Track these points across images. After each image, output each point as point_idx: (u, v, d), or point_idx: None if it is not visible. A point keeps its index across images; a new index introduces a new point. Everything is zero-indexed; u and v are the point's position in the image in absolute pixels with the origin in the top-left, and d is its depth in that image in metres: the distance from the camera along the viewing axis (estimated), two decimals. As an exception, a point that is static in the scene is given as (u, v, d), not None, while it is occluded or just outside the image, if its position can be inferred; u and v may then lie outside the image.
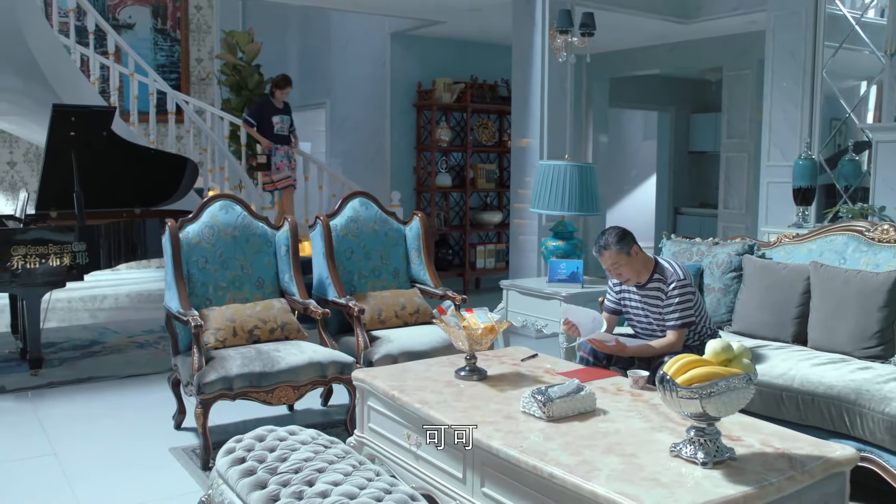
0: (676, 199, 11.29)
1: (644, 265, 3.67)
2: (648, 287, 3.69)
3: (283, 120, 7.59)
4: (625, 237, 3.61)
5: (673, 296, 3.59)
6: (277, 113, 7.56)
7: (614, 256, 3.59)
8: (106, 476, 3.58)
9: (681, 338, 3.59)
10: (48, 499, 3.35)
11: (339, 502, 2.15)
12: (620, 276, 3.68)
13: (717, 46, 8.07)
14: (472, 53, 8.71)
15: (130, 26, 9.23)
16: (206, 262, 4.20)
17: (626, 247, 3.59)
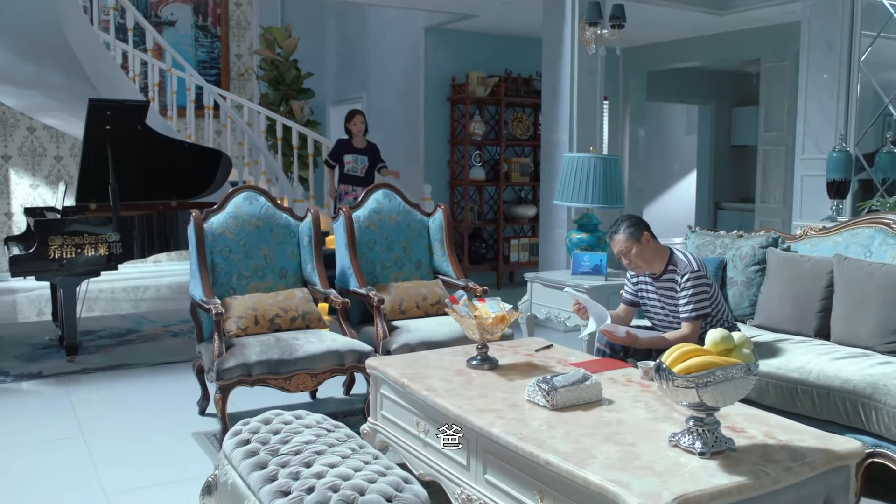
0: (717, 193, 11.13)
1: (657, 255, 3.66)
2: (663, 279, 3.68)
3: (356, 160, 7.09)
4: (637, 224, 3.61)
5: (686, 287, 3.57)
6: (352, 152, 7.11)
7: (624, 242, 3.60)
8: (129, 458, 3.69)
9: (695, 329, 3.56)
10: (72, 478, 3.47)
11: (332, 483, 2.20)
12: (630, 263, 3.67)
13: (755, 38, 7.92)
14: (507, 47, 8.70)
15: (172, 23, 9.43)
16: (229, 252, 4.29)
17: (637, 234, 3.59)
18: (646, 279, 3.77)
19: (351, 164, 7.05)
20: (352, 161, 7.05)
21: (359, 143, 7.09)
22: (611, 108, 9.60)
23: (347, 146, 7.08)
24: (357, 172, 7.07)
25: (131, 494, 3.31)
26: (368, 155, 7.10)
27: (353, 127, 7.03)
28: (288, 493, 2.19)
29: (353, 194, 7.01)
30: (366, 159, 7.07)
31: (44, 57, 6.14)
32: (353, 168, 7.06)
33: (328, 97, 10.69)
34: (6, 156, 8.76)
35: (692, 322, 3.56)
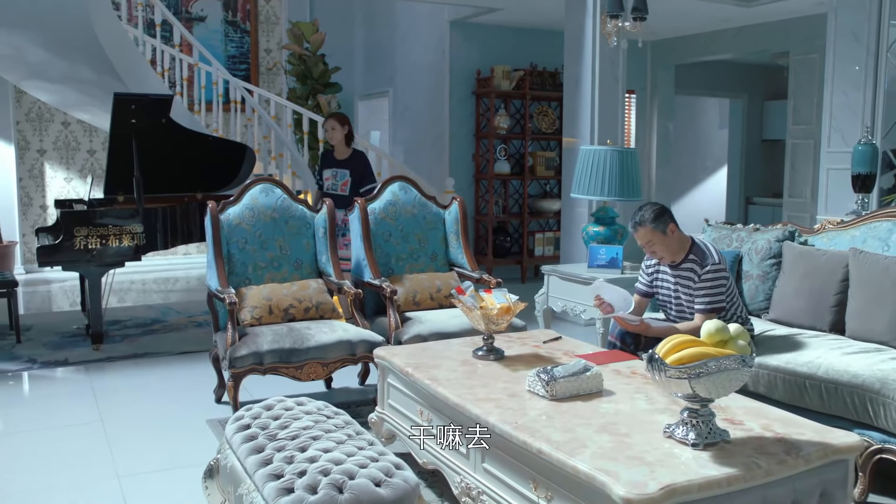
0: (748, 188, 10.98)
1: (680, 245, 3.65)
2: (682, 267, 3.67)
3: (335, 175, 5.82)
4: (662, 215, 3.59)
5: (706, 279, 3.56)
6: (331, 166, 5.88)
7: (649, 234, 3.59)
8: (144, 443, 3.78)
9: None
10: (88, 461, 3.57)
11: (324, 468, 2.24)
12: (654, 253, 3.67)
13: (783, 30, 7.80)
14: (532, 40, 8.67)
15: (202, 19, 9.57)
16: (245, 243, 4.36)
17: (662, 225, 3.57)
18: (664, 266, 3.77)
19: (330, 181, 5.83)
20: (330, 177, 5.79)
21: (340, 153, 5.86)
22: (638, 102, 9.53)
23: (328, 159, 5.92)
24: (337, 190, 5.77)
25: (142, 478, 3.39)
26: (350, 168, 5.82)
27: (326, 134, 5.87)
28: (281, 476, 2.23)
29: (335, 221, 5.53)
30: (347, 174, 5.78)
31: (74, 52, 6.28)
32: (333, 185, 5.81)
33: (356, 91, 10.75)
34: (41, 149, 8.98)
35: (705, 314, 3.54)
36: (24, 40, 6.22)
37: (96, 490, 3.27)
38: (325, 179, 5.81)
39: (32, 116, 8.90)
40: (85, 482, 3.35)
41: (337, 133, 5.76)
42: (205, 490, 2.71)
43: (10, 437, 4.01)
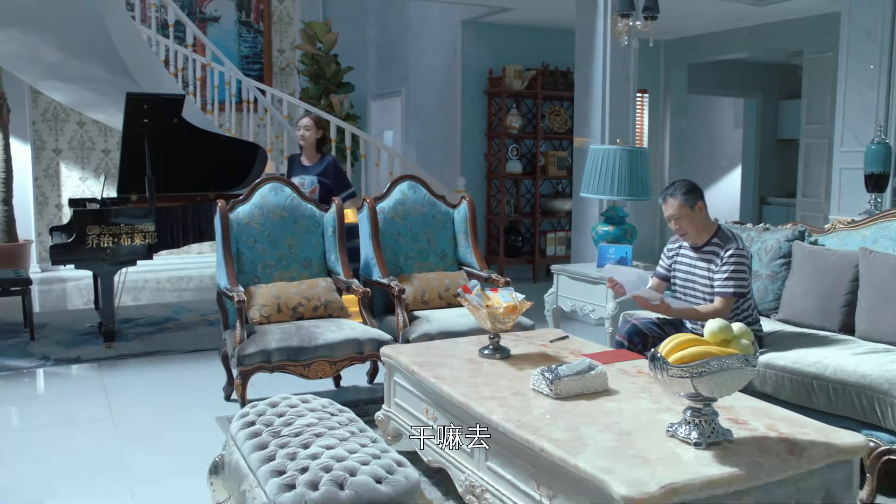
0: (762, 188, 10.92)
1: (705, 226, 3.68)
2: (704, 250, 3.70)
3: (302, 183, 5.25)
4: (693, 191, 3.63)
5: (729, 262, 3.57)
6: (299, 173, 5.38)
7: (678, 207, 3.62)
8: (153, 440, 3.81)
9: (728, 305, 3.57)
10: (98, 458, 3.60)
11: (326, 464, 2.25)
12: (679, 228, 3.69)
13: (797, 29, 7.74)
14: (544, 40, 8.66)
15: (216, 19, 9.62)
16: (254, 242, 4.38)
17: (692, 200, 3.61)
18: (685, 248, 3.79)
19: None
20: (297, 184, 5.04)
21: (308, 158, 5.33)
22: (651, 102, 9.49)
23: (295, 164, 5.41)
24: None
25: (150, 474, 3.42)
26: (320, 174, 5.31)
27: (299, 133, 5.34)
28: (283, 473, 2.25)
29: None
30: (314, 180, 5.23)
31: (87, 52, 6.34)
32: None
33: (369, 91, 10.77)
34: (57, 149, 9.07)
35: (727, 298, 3.56)
36: (38, 41, 6.28)
37: (105, 486, 3.31)
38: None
39: (48, 116, 8.99)
40: (94, 478, 3.39)
41: (311, 135, 5.26)
42: (210, 486, 2.73)
43: (21, 432, 4.05)
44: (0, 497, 3.22)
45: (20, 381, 4.85)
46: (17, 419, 4.27)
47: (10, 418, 4.29)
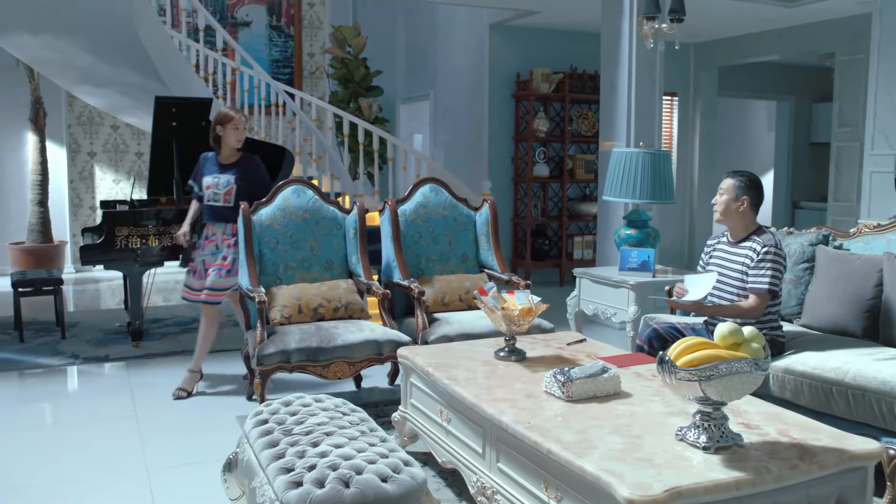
0: (795, 192, 10.76)
1: (742, 220, 3.74)
2: (741, 245, 3.74)
3: (217, 182, 4.55)
4: (751, 186, 3.71)
5: (766, 259, 3.59)
6: (213, 171, 4.61)
7: (729, 187, 3.73)
8: (174, 438, 3.88)
9: (763, 304, 3.58)
10: (119, 454, 3.68)
11: (333, 462, 2.28)
12: (716, 204, 3.78)
13: (828, 30, 7.63)
14: (572, 43, 8.63)
15: (247, 24, 9.75)
16: (277, 243, 4.44)
17: (741, 192, 3.70)
18: (723, 243, 3.85)
19: (210, 190, 4.55)
20: (211, 184, 4.55)
21: (228, 156, 4.61)
22: (680, 105, 9.42)
23: (209, 163, 4.68)
24: (219, 201, 4.53)
25: (169, 471, 3.48)
26: (237, 173, 4.58)
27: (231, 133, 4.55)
28: (291, 470, 2.28)
29: (213, 240, 4.58)
30: (231, 179, 4.53)
31: (119, 57, 6.47)
32: (214, 195, 4.54)
33: (398, 94, 10.83)
34: (91, 152, 9.25)
35: (762, 295, 3.57)
36: (71, 45, 6.43)
37: (125, 481, 3.37)
38: (206, 188, 4.56)
39: (83, 120, 9.17)
40: (114, 474, 3.45)
41: (242, 134, 4.60)
42: (224, 483, 2.77)
43: (46, 429, 4.15)
44: (24, 491, 3.30)
45: (50, 378, 4.96)
46: (43, 416, 4.37)
47: (39, 415, 4.38)
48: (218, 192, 4.55)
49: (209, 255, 4.59)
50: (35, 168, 8.41)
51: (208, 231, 4.64)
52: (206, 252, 4.61)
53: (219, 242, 4.58)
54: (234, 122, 4.52)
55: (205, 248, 4.63)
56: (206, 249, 4.62)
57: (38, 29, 6.30)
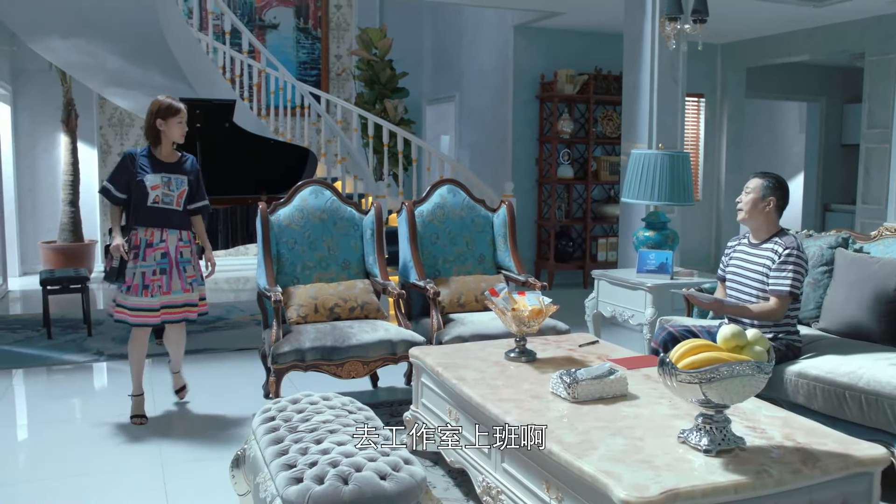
0: (826, 194, 10.61)
1: (766, 222, 3.72)
2: (763, 247, 3.72)
3: (168, 183, 4.04)
4: (776, 188, 3.70)
5: (788, 261, 3.57)
6: (159, 170, 4.05)
7: (756, 186, 3.72)
8: (191, 434, 3.95)
9: (783, 306, 3.56)
10: (135, 449, 3.75)
11: (334, 460, 2.31)
12: (740, 202, 3.77)
13: (858, 30, 7.52)
14: (596, 44, 8.60)
15: (275, 26, 9.85)
16: (294, 243, 4.48)
17: (767, 192, 3.68)
18: (743, 244, 3.84)
19: (160, 191, 4.02)
20: (160, 185, 4.01)
21: (169, 154, 4.11)
22: (707, 106, 9.33)
23: (151, 161, 4.06)
24: (172, 204, 4.05)
25: (184, 467, 3.54)
26: (186, 175, 4.13)
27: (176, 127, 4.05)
28: (293, 466, 2.31)
29: (163, 247, 4.04)
30: (183, 181, 4.09)
31: (146, 59, 6.58)
32: (166, 197, 4.04)
33: (424, 96, 10.87)
34: (122, 153, 9.39)
35: (783, 297, 3.55)
36: (101, 48, 6.56)
37: (139, 476, 3.44)
38: (152, 188, 3.99)
39: (114, 121, 9.34)
40: (129, 468, 3.52)
41: (185, 128, 4.12)
42: (232, 479, 2.82)
43: (66, 424, 4.23)
44: (49, 483, 3.38)
45: (75, 374, 5.07)
46: (64, 411, 4.46)
47: (61, 410, 4.48)
48: (170, 193, 4.02)
49: (152, 266, 3.99)
50: (66, 168, 8.58)
51: (151, 238, 4.00)
52: (147, 263, 3.98)
53: (170, 251, 4.03)
54: (180, 115, 4.03)
55: (145, 258, 3.99)
56: (147, 260, 3.99)
57: (67, 32, 6.44)
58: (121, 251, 3.98)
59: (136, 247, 4.01)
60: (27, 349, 5.60)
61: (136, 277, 4.00)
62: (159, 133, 4.05)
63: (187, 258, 4.14)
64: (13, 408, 4.55)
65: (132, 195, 4.02)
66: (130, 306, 4.01)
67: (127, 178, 4.03)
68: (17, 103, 8.87)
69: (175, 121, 4.03)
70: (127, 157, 4.08)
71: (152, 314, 4.06)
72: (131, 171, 4.02)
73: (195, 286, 4.19)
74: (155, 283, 4.02)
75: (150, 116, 4.05)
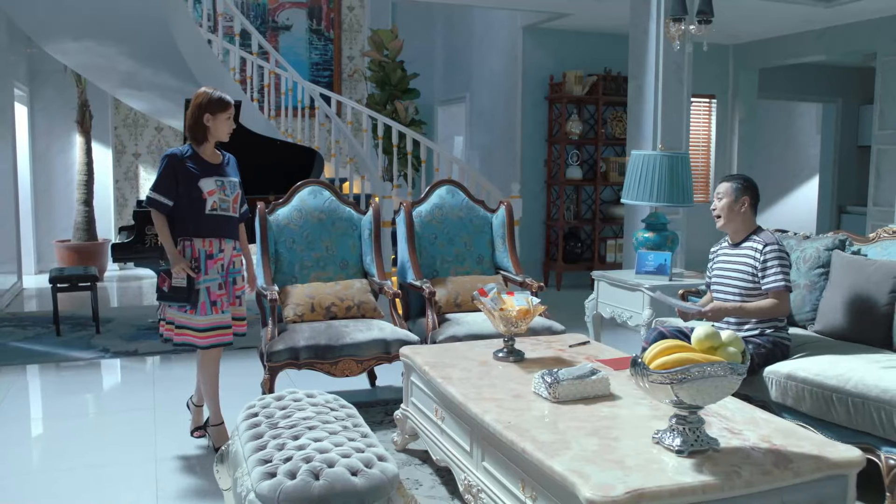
0: (841, 196, 10.51)
1: (742, 222, 3.76)
2: (743, 246, 3.76)
3: (223, 187, 3.65)
4: (747, 187, 3.75)
5: (772, 256, 3.61)
6: (211, 172, 3.63)
7: (726, 190, 3.77)
8: (187, 429, 3.98)
9: (785, 301, 3.59)
10: (131, 444, 3.81)
11: (308, 455, 2.34)
12: (715, 209, 3.81)
13: (870, 30, 7.45)
14: (605, 45, 8.58)
15: (288, 28, 9.93)
16: (292, 243, 4.53)
17: (739, 193, 3.73)
18: (724, 248, 3.87)
19: (216, 196, 3.62)
20: (216, 190, 3.61)
21: (213, 155, 3.70)
22: (719, 107, 9.28)
23: (198, 163, 3.62)
24: (228, 210, 3.68)
25: (177, 461, 3.59)
26: (236, 176, 3.79)
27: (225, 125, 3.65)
28: (269, 462, 2.34)
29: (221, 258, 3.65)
30: (236, 183, 3.75)
31: (156, 60, 6.67)
32: (224, 202, 3.66)
33: (436, 97, 10.90)
34: (136, 153, 9.54)
35: (781, 293, 3.57)
36: (112, 50, 6.65)
37: (133, 471, 3.49)
38: (209, 194, 3.58)
39: (129, 122, 9.46)
40: (124, 463, 3.58)
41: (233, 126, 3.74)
42: (216, 474, 2.86)
43: (66, 419, 4.29)
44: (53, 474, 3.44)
45: (78, 371, 5.14)
46: (64, 406, 4.52)
47: (65, 406, 4.55)
48: (226, 199, 3.64)
49: (216, 279, 3.62)
50: (81, 168, 8.70)
51: (211, 249, 3.61)
52: (210, 276, 3.59)
53: (225, 262, 3.67)
54: (230, 111, 3.63)
55: (208, 271, 3.59)
56: (209, 273, 3.59)
57: (79, 35, 6.54)
58: (188, 270, 3.52)
59: (194, 259, 3.57)
60: (35, 346, 5.69)
61: (202, 294, 3.56)
62: (206, 130, 3.59)
63: (238, 268, 3.76)
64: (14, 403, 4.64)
65: (181, 202, 3.56)
66: (196, 327, 3.58)
67: (174, 182, 3.55)
68: (34, 104, 9.02)
69: (224, 116, 3.61)
70: (171, 159, 3.58)
71: (224, 332, 3.66)
72: (180, 175, 3.55)
73: (243, 299, 3.84)
74: (222, 297, 3.63)
75: (198, 111, 3.57)
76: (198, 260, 3.58)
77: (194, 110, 3.58)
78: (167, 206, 3.57)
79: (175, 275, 3.53)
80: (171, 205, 3.57)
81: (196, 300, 3.56)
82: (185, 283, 3.52)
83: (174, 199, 3.56)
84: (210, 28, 7.80)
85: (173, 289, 3.54)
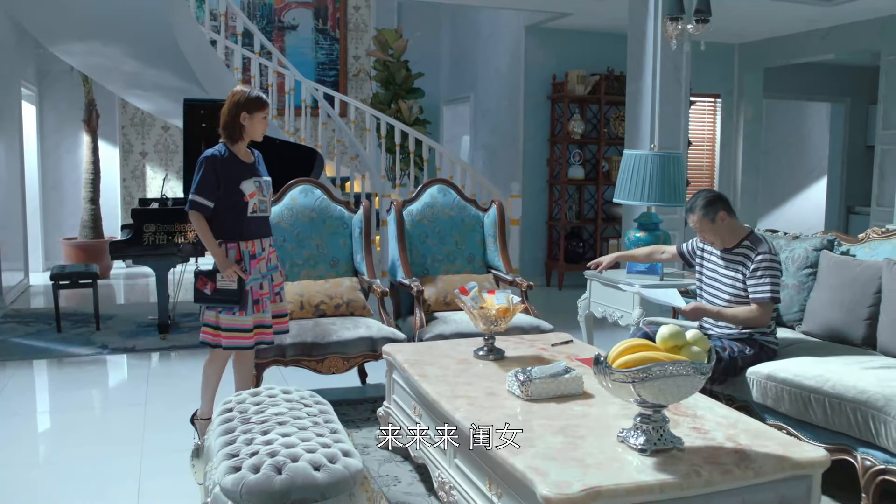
0: (849, 196, 10.44)
1: (732, 232, 3.70)
2: (734, 252, 3.70)
3: (261, 187, 3.66)
4: (712, 203, 3.66)
5: (763, 265, 3.55)
6: (250, 173, 3.63)
7: (699, 221, 3.69)
8: (175, 425, 4.02)
9: (766, 311, 3.54)
10: (120, 439, 3.86)
11: (274, 450, 2.37)
12: (705, 239, 3.78)
13: (874, 29, 7.39)
14: (607, 45, 8.55)
15: (294, 27, 9.99)
16: (283, 241, 4.56)
17: (711, 212, 3.65)
18: (713, 250, 3.81)
19: (257, 197, 3.63)
20: (256, 191, 3.62)
21: (245, 153, 3.67)
22: (724, 107, 9.24)
23: (235, 164, 3.59)
24: (265, 211, 3.73)
25: (162, 456, 3.63)
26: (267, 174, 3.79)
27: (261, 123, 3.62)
28: (236, 456, 2.37)
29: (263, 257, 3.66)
30: (269, 182, 3.76)
31: (159, 61, 6.73)
32: (262, 203, 3.67)
33: (442, 97, 10.92)
34: (143, 152, 9.63)
35: (764, 304, 3.52)
36: (117, 51, 6.73)
37: (118, 465, 3.53)
38: (250, 196, 3.58)
39: (136, 121, 9.56)
40: (109, 457, 3.63)
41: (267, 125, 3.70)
42: (192, 468, 2.90)
43: (58, 413, 4.37)
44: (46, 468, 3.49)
45: (75, 367, 5.20)
46: (58, 401, 4.61)
47: (60, 400, 4.62)
48: (265, 199, 3.65)
49: (258, 279, 3.62)
50: (88, 167, 8.79)
51: (253, 249, 3.61)
52: (254, 276, 3.59)
53: (267, 260, 3.68)
54: (266, 110, 3.59)
55: (251, 271, 3.59)
56: (253, 273, 3.59)
57: (84, 35, 6.62)
58: (240, 272, 3.51)
59: (238, 261, 3.55)
60: (36, 342, 5.77)
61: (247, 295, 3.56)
62: (242, 129, 3.56)
63: (274, 264, 3.73)
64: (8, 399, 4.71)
65: (221, 204, 3.52)
66: (244, 328, 3.56)
67: (216, 185, 3.50)
68: (43, 104, 9.13)
69: (260, 115, 3.57)
70: (211, 161, 3.52)
71: (266, 331, 3.65)
72: (221, 176, 3.51)
73: (283, 295, 3.80)
74: (264, 296, 3.63)
75: (234, 109, 3.54)
76: (242, 261, 3.57)
77: (231, 108, 3.57)
78: (209, 209, 3.53)
79: (226, 278, 3.50)
80: (212, 207, 3.53)
81: (246, 301, 3.55)
82: (237, 286, 3.50)
83: (214, 199, 3.53)
84: (215, 28, 7.85)
85: (220, 291, 3.50)
